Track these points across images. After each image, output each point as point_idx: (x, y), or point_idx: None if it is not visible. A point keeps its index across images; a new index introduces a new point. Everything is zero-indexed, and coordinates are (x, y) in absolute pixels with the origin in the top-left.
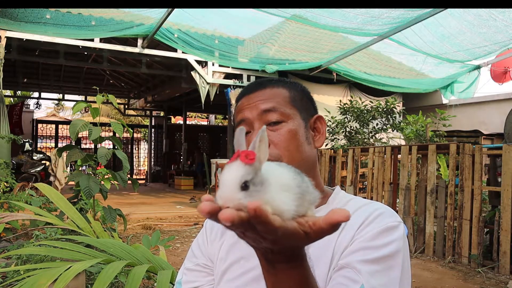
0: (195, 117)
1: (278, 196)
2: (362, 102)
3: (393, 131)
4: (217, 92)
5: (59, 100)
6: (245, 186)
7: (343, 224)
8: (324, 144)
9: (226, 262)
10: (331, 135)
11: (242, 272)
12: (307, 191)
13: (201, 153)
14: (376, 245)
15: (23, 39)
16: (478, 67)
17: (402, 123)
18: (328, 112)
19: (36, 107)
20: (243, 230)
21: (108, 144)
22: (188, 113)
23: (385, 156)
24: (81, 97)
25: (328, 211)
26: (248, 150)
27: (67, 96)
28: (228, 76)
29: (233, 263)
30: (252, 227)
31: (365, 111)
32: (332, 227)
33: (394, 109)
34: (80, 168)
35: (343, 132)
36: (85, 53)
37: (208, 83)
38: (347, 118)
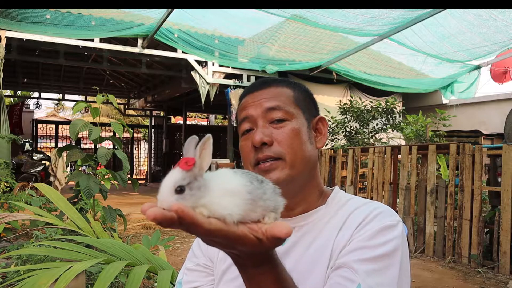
0: (195, 117)
1: (219, 201)
2: (362, 102)
3: (393, 131)
4: (217, 92)
5: (59, 100)
6: (180, 190)
7: (342, 223)
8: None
9: (226, 262)
10: (331, 135)
11: None
12: (261, 197)
13: None
14: (373, 244)
15: (23, 39)
16: (478, 67)
17: (402, 123)
18: (328, 112)
19: (36, 107)
20: (186, 230)
21: (108, 144)
22: (188, 113)
23: (385, 156)
24: (81, 97)
25: (273, 223)
26: (189, 157)
27: (67, 96)
28: (228, 76)
29: (232, 263)
30: (186, 228)
31: (365, 111)
32: (277, 240)
33: (394, 109)
34: (80, 168)
35: (343, 132)
36: (85, 53)
37: (208, 83)
38: (347, 118)
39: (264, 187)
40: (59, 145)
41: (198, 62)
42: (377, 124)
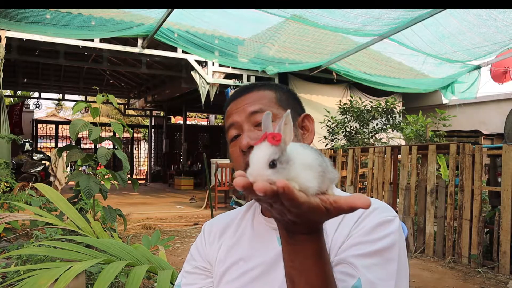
0: (195, 117)
1: (303, 174)
2: (362, 102)
3: (393, 131)
4: (217, 92)
5: (59, 100)
6: (272, 165)
7: (339, 220)
8: (324, 144)
9: (225, 264)
10: (331, 135)
11: (241, 273)
12: (327, 170)
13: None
14: (371, 239)
15: (23, 39)
16: (478, 67)
17: (402, 123)
18: (328, 112)
19: (36, 107)
20: (272, 202)
21: (108, 144)
22: (188, 113)
23: (385, 156)
24: (81, 97)
25: (353, 195)
26: (275, 132)
27: (67, 96)
28: (228, 76)
29: (232, 264)
30: (280, 200)
31: (365, 111)
32: (351, 209)
33: (394, 109)
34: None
35: (343, 132)
36: (85, 53)
37: (208, 83)
38: (347, 118)
39: (326, 160)
40: (59, 145)
41: (198, 62)
42: (377, 124)
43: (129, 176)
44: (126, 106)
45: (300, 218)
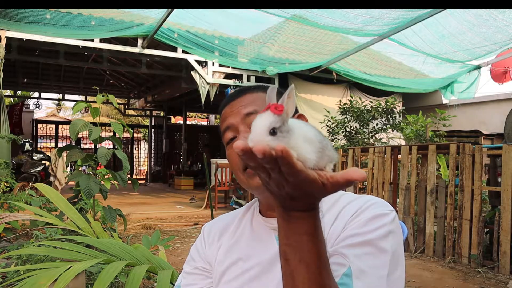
0: (195, 117)
1: (302, 145)
2: (362, 102)
3: (393, 131)
4: (217, 92)
5: (59, 100)
6: (273, 132)
7: (335, 217)
8: None
9: (224, 264)
10: (331, 135)
11: (240, 273)
12: (327, 148)
13: (209, 152)
14: (364, 231)
15: (23, 39)
16: (478, 67)
17: (402, 123)
18: (328, 112)
19: (36, 107)
20: (270, 169)
21: (108, 144)
22: (188, 113)
23: (385, 156)
24: (81, 97)
25: (348, 169)
26: (278, 103)
27: (67, 96)
28: (228, 76)
29: (231, 264)
30: (278, 167)
31: (365, 111)
32: (347, 182)
33: (394, 109)
34: (80, 168)
35: (343, 132)
36: (85, 53)
37: (208, 83)
38: (347, 118)
39: (326, 140)
40: (59, 145)
41: (198, 62)
42: (377, 124)
43: (129, 176)
44: (126, 106)
45: (297, 190)
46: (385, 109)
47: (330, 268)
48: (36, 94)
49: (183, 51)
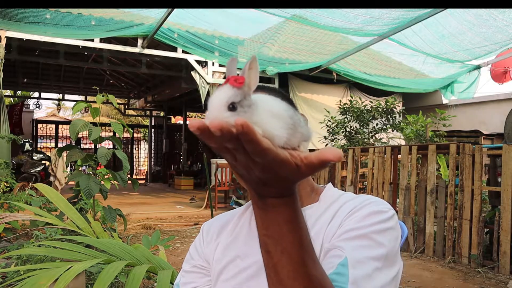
0: (195, 117)
1: (268, 121)
2: (362, 102)
3: (393, 131)
4: None
5: (59, 100)
6: (232, 107)
7: (332, 216)
8: (324, 144)
9: (221, 262)
10: (331, 135)
11: (237, 271)
12: (299, 124)
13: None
14: (361, 225)
15: (23, 39)
16: (478, 67)
17: (402, 123)
18: (328, 112)
19: (36, 107)
20: (234, 149)
21: (108, 144)
22: (188, 113)
23: (385, 156)
24: (81, 97)
25: (323, 148)
26: (238, 76)
27: (67, 96)
28: None
29: (228, 263)
30: (242, 147)
31: (365, 111)
32: (322, 164)
33: (394, 109)
34: (80, 168)
35: (343, 132)
36: (85, 53)
37: (208, 83)
38: (347, 118)
39: (299, 116)
40: (59, 145)
41: (198, 62)
42: (377, 124)
43: (129, 176)
44: (126, 106)
45: (267, 173)
46: (385, 109)
47: (316, 257)
48: (36, 94)
49: (183, 51)
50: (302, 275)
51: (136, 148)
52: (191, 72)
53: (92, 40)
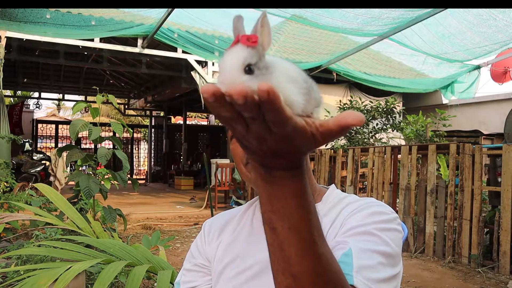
0: (195, 117)
1: (286, 85)
2: (362, 102)
3: (393, 131)
4: None
5: (59, 100)
6: (249, 70)
7: (335, 218)
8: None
9: (223, 261)
10: None
11: (239, 271)
12: (313, 88)
13: (209, 153)
14: (364, 223)
15: (23, 39)
16: (478, 67)
17: (402, 123)
18: (328, 112)
19: (36, 107)
20: (251, 118)
21: (108, 144)
22: (188, 113)
23: (385, 156)
24: (81, 97)
25: (339, 114)
26: (249, 34)
27: (67, 96)
28: None
29: (229, 262)
30: (261, 116)
31: (365, 111)
32: (342, 129)
33: (394, 109)
34: (80, 168)
35: None
36: (85, 53)
37: (208, 83)
38: None
39: (311, 80)
40: (59, 145)
41: (198, 62)
42: (377, 124)
43: (129, 176)
44: (126, 106)
45: (282, 144)
46: (385, 109)
47: (324, 236)
48: (36, 94)
49: (183, 51)
50: (311, 253)
51: (136, 148)
52: (191, 72)
53: (92, 40)
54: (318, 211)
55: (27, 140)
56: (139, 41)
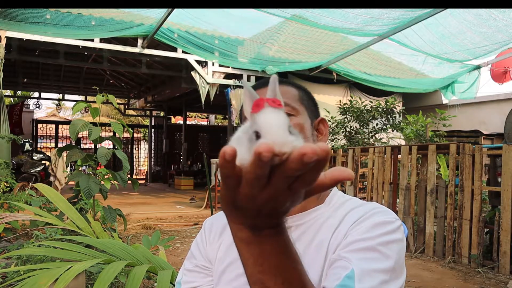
0: (195, 117)
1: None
2: (362, 102)
3: (393, 131)
4: (217, 92)
5: (59, 100)
6: (290, 131)
7: (338, 222)
8: None
9: (224, 262)
10: (331, 135)
11: (240, 272)
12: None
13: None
14: (368, 237)
15: (23, 39)
16: (478, 67)
17: (402, 123)
18: (328, 112)
19: (36, 107)
20: (290, 176)
21: (108, 144)
22: (188, 113)
23: (385, 156)
24: (81, 97)
25: (332, 169)
26: (273, 98)
27: (67, 96)
28: (228, 76)
29: (231, 263)
30: (295, 175)
31: (365, 111)
32: (335, 184)
33: (394, 109)
34: (80, 168)
35: (343, 132)
36: (85, 53)
37: (208, 83)
38: (347, 118)
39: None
40: (59, 145)
41: (198, 62)
42: (377, 124)
43: (129, 176)
44: (126, 106)
45: (289, 203)
46: (385, 109)
47: (307, 274)
48: (36, 94)
49: (183, 51)
50: None
51: (136, 148)
52: (191, 72)
53: (92, 40)
54: (322, 213)
55: (27, 140)
56: (139, 41)
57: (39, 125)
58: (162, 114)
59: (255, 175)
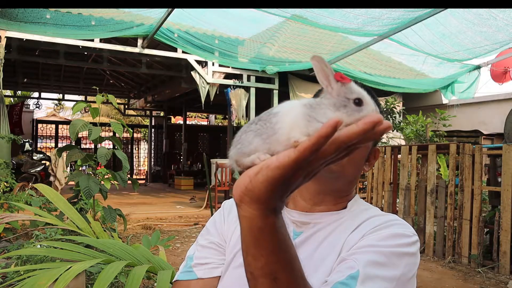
0: (195, 117)
1: None
2: None
3: (393, 131)
4: (217, 92)
5: (59, 100)
6: None
7: (356, 226)
8: None
9: (235, 248)
10: None
11: None
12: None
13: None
14: (381, 244)
15: (23, 39)
16: (478, 67)
17: (402, 123)
18: None
19: (36, 107)
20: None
21: (108, 144)
22: (188, 113)
23: (385, 156)
24: (81, 97)
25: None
26: (339, 73)
27: (67, 96)
28: (228, 76)
29: (239, 251)
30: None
31: None
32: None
33: (394, 109)
34: (80, 168)
35: None
36: (85, 53)
37: (208, 83)
38: None
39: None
40: (59, 145)
41: (198, 62)
42: None
43: (129, 176)
44: (126, 106)
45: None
46: (385, 109)
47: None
48: (36, 94)
49: (183, 51)
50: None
51: (136, 148)
52: (191, 72)
53: (92, 40)
54: (341, 217)
55: (27, 140)
56: (139, 41)
57: (39, 125)
58: (162, 114)
59: (349, 141)
